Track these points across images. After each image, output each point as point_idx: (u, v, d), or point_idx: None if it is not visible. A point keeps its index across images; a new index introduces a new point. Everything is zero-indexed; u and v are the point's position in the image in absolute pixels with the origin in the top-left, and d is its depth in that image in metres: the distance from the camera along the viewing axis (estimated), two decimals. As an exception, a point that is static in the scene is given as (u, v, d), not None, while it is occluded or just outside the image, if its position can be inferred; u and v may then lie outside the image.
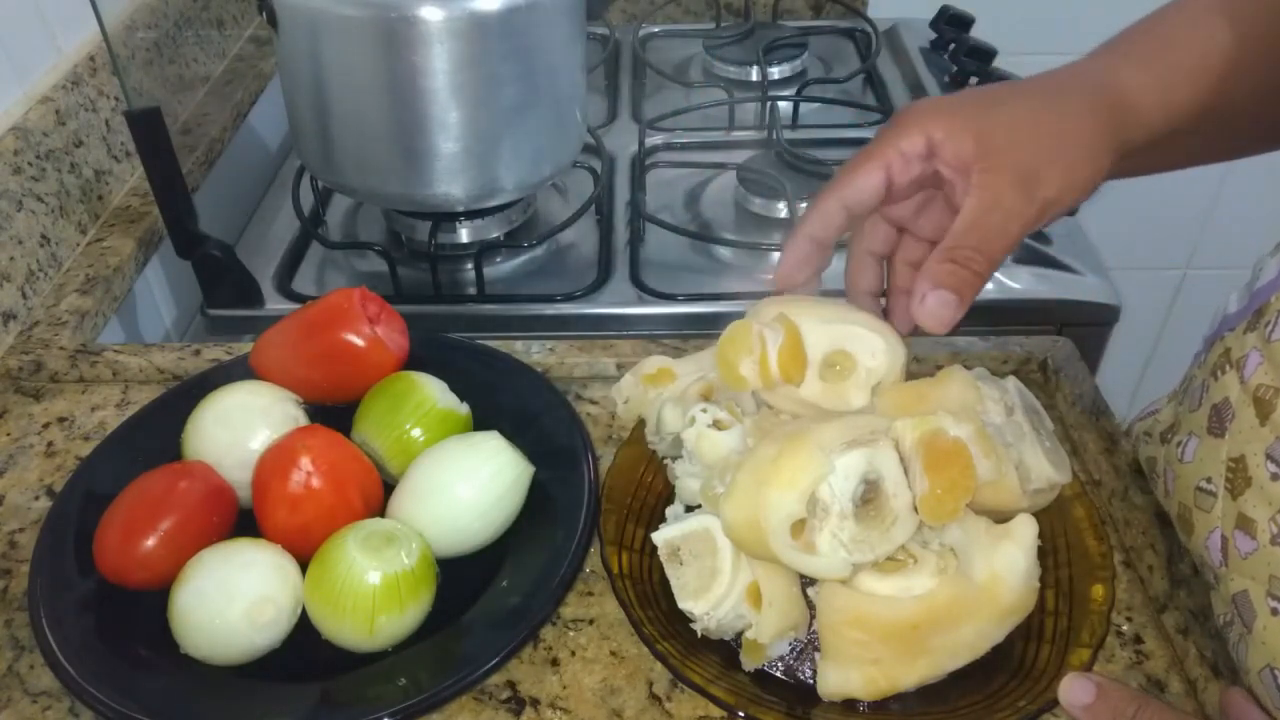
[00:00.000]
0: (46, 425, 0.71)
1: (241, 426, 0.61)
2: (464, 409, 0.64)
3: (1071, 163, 0.49)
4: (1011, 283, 0.87)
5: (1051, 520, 0.55)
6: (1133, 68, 0.52)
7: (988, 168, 0.48)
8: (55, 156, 0.83)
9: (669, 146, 1.08)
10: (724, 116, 1.12)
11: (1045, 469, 0.52)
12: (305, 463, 0.56)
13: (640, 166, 1.02)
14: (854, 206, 0.52)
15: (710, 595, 0.51)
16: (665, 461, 0.60)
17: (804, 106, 1.12)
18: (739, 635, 0.52)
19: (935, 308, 0.48)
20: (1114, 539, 0.61)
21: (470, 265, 0.88)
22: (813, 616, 0.51)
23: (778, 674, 0.53)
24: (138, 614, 0.55)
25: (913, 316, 0.49)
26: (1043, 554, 0.51)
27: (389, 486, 0.60)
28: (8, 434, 0.70)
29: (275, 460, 0.57)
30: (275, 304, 0.87)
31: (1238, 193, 1.47)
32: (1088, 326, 0.88)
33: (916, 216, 0.55)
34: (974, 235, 0.48)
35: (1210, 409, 0.53)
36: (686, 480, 0.55)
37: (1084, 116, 0.50)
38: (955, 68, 1.17)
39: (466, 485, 0.57)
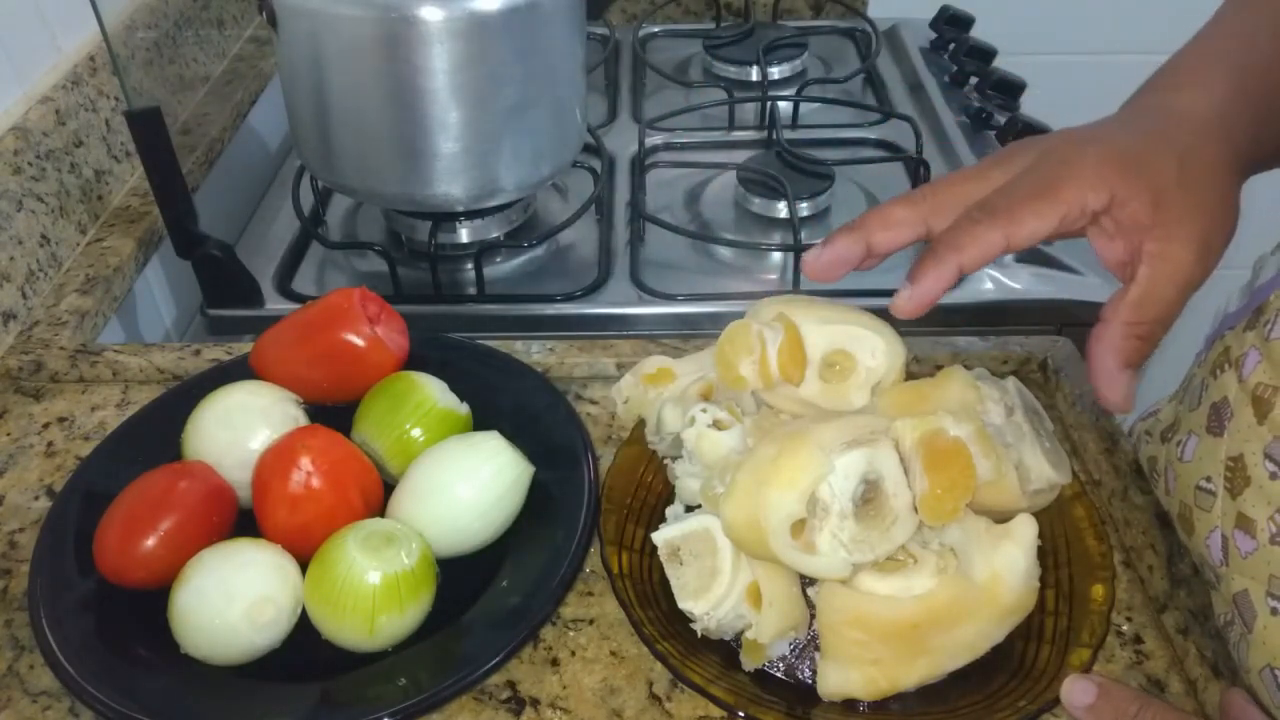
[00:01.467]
0: (46, 425, 0.71)
1: (241, 426, 0.61)
2: (464, 409, 0.64)
3: (1230, 222, 0.49)
4: (1011, 283, 0.87)
5: (1051, 520, 0.55)
6: (1239, 105, 0.51)
7: (1169, 236, 0.47)
8: (55, 156, 0.83)
9: (669, 146, 1.08)
10: (724, 116, 1.12)
11: (1045, 469, 0.52)
12: (305, 463, 0.56)
13: (640, 166, 1.02)
14: (1016, 244, 0.49)
15: (710, 595, 0.51)
16: (665, 461, 0.60)
17: (804, 106, 1.12)
18: (739, 635, 0.52)
19: (1126, 388, 0.48)
20: (1114, 539, 0.61)
21: (470, 265, 0.88)
22: (813, 616, 0.51)
23: (778, 674, 0.53)
24: (138, 614, 0.55)
25: (1103, 396, 0.49)
26: (1043, 554, 0.51)
27: (389, 486, 0.60)
28: (8, 434, 0.70)
29: (275, 460, 0.57)
30: (275, 304, 0.87)
31: (1237, 193, 1.47)
32: (1088, 326, 0.87)
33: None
34: (1155, 308, 0.48)
35: (1209, 408, 0.53)
36: (686, 480, 0.55)
37: (1227, 172, 0.49)
38: (955, 68, 1.17)
39: (466, 485, 0.57)
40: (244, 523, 0.59)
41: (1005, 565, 0.49)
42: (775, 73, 1.19)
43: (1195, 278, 0.48)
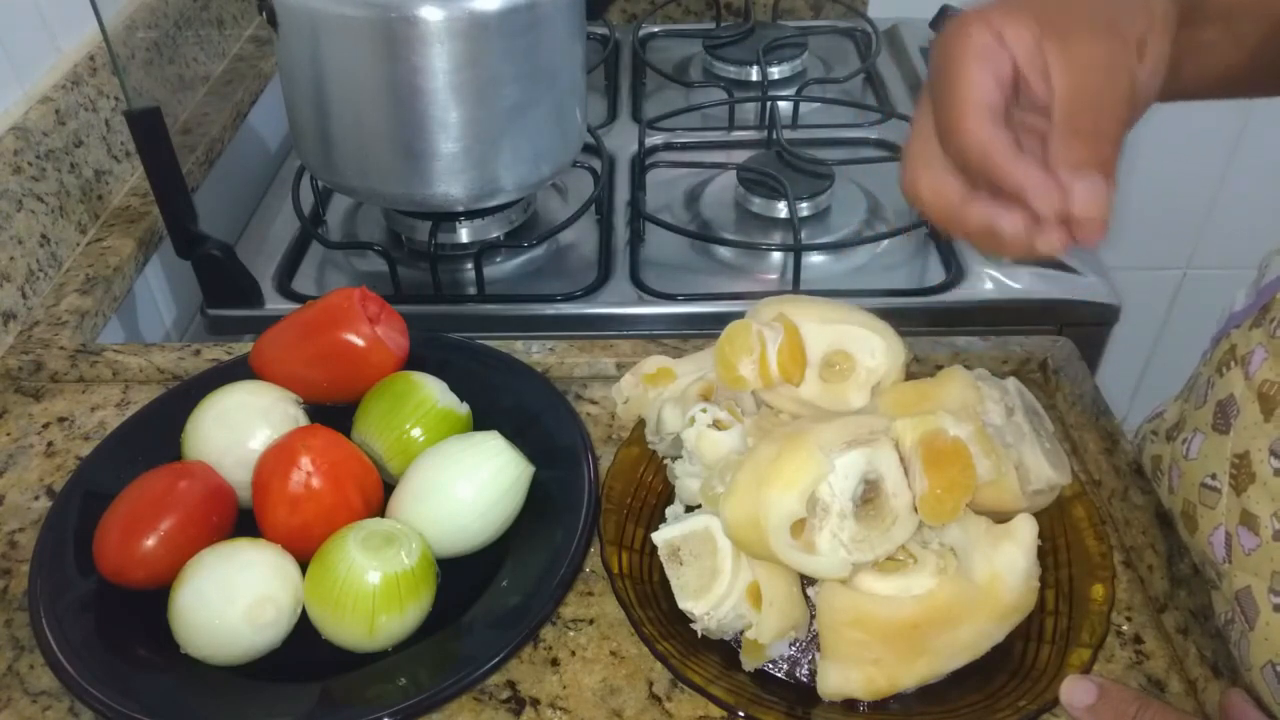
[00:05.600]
0: (46, 425, 0.71)
1: (241, 426, 0.61)
2: (464, 409, 0.64)
3: (1143, 1, 0.44)
4: (1011, 283, 0.87)
5: (1051, 520, 0.55)
6: None
7: (1061, 33, 0.43)
8: (55, 156, 0.83)
9: (669, 146, 1.08)
10: (724, 116, 1.12)
11: (1045, 470, 0.52)
12: (305, 463, 0.56)
13: (640, 166, 1.02)
14: (992, 103, 0.43)
15: (710, 595, 0.51)
16: (665, 461, 0.60)
17: (804, 106, 1.12)
18: (739, 635, 0.52)
19: (1088, 191, 0.41)
20: (1114, 539, 0.61)
21: (470, 265, 0.88)
22: (813, 616, 0.51)
23: (778, 674, 0.53)
24: (138, 614, 0.55)
25: (1074, 212, 0.41)
26: (1043, 554, 0.51)
27: (389, 486, 0.60)
28: (8, 434, 0.70)
29: (275, 460, 0.57)
30: (275, 304, 0.87)
31: (1238, 192, 1.47)
32: (1088, 326, 0.87)
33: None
34: (1085, 101, 0.42)
35: (1215, 405, 0.53)
36: (686, 480, 0.55)
37: None
38: (955, 68, 1.17)
39: (466, 485, 0.57)
40: (244, 523, 0.59)
41: (1005, 565, 0.49)
42: (775, 73, 1.19)
43: (1112, 53, 0.42)
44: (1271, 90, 0.54)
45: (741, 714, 0.49)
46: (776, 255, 0.92)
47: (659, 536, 0.53)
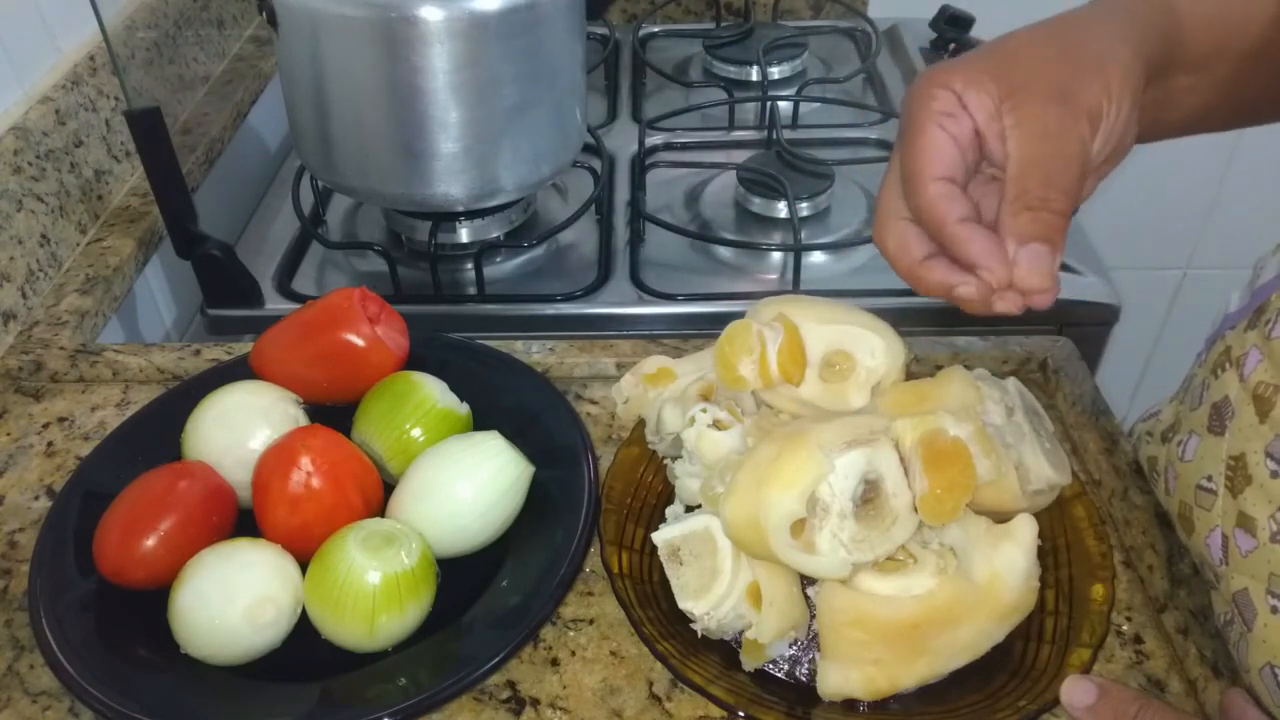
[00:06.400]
0: (46, 425, 0.71)
1: (241, 426, 0.61)
2: (464, 409, 0.64)
3: (1100, 67, 0.45)
4: (1011, 283, 0.87)
5: (1051, 520, 0.55)
6: None
7: (1017, 102, 0.44)
8: (55, 156, 0.83)
9: (669, 146, 1.08)
10: (724, 116, 1.12)
11: (1045, 470, 0.52)
12: (305, 463, 0.56)
13: (640, 166, 1.02)
14: (950, 174, 0.45)
15: (710, 595, 0.51)
16: (665, 461, 0.60)
17: (804, 106, 1.12)
18: (739, 635, 0.52)
19: (1031, 264, 0.42)
20: (1114, 539, 0.61)
21: (470, 265, 0.88)
22: (813, 616, 0.51)
23: (778, 674, 0.53)
24: (138, 614, 0.55)
25: (1017, 285, 0.43)
26: (1043, 554, 0.51)
27: (389, 486, 0.60)
28: (8, 434, 0.70)
29: (275, 460, 0.57)
30: (275, 304, 0.87)
31: (1237, 193, 1.47)
32: (1088, 326, 0.87)
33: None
34: (1036, 172, 0.43)
35: (1210, 407, 0.53)
36: (686, 480, 0.55)
37: (1099, 23, 0.46)
38: (955, 68, 1.17)
39: (466, 485, 0.57)
40: (244, 523, 0.59)
41: (1005, 565, 0.49)
42: (775, 73, 1.19)
43: (1065, 124, 0.44)
44: (1249, 120, 0.56)
45: (741, 714, 0.49)
46: (776, 255, 0.92)
47: (659, 536, 0.53)
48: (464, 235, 0.91)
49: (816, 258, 0.91)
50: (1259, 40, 0.50)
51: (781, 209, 0.95)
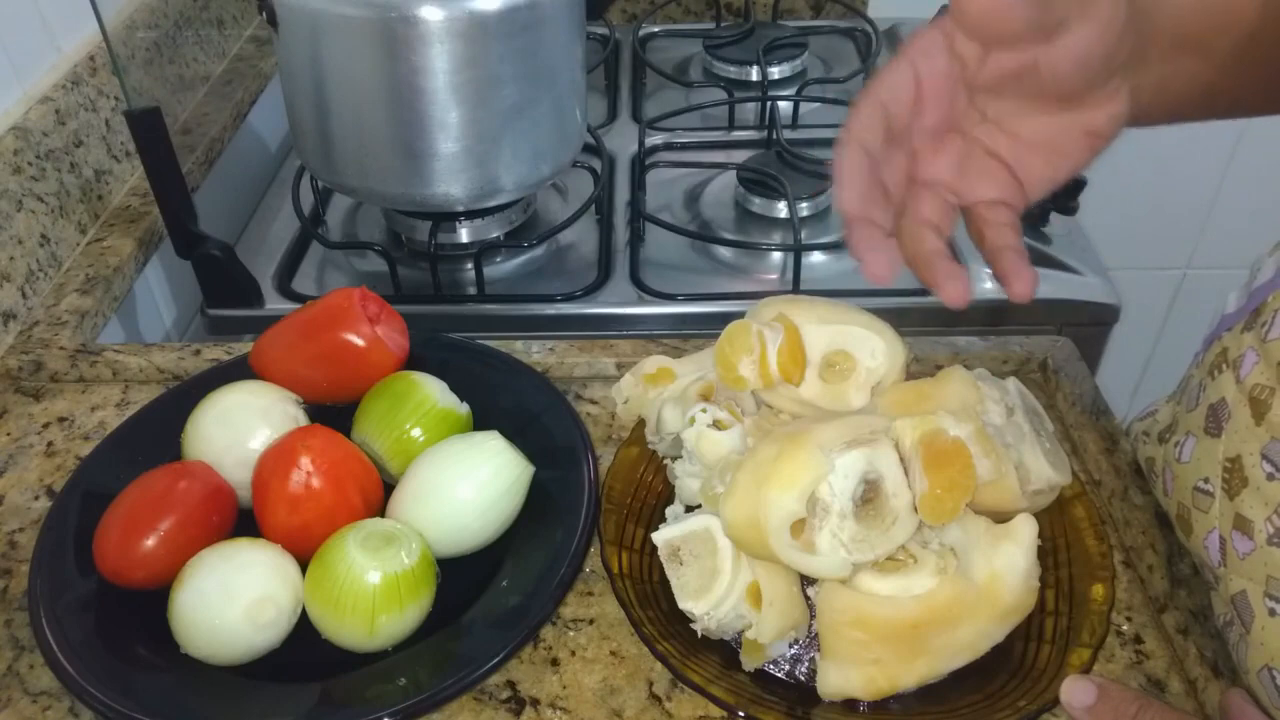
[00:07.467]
0: (46, 425, 0.71)
1: (241, 426, 0.61)
2: (464, 409, 0.64)
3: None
4: (1011, 283, 0.87)
5: (1051, 520, 0.55)
6: None
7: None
8: (55, 156, 0.83)
9: (669, 146, 1.08)
10: (724, 116, 1.12)
11: (1045, 470, 0.52)
12: (305, 463, 0.56)
13: (640, 166, 1.02)
14: (889, 101, 0.47)
15: (710, 595, 0.51)
16: (665, 461, 0.60)
17: (804, 106, 1.12)
18: (739, 635, 0.52)
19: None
20: (1114, 539, 0.61)
21: (470, 265, 0.88)
22: (813, 616, 0.51)
23: (778, 674, 0.53)
24: (138, 614, 0.55)
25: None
26: (1043, 554, 0.51)
27: (389, 486, 0.60)
28: (8, 434, 0.70)
29: (275, 460, 0.57)
30: (275, 304, 0.87)
31: (1237, 193, 1.47)
32: (1088, 326, 0.88)
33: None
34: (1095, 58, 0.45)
35: (1207, 409, 0.53)
36: (686, 480, 0.55)
37: None
38: (955, 68, 1.17)
39: (466, 485, 0.57)
40: (244, 523, 0.59)
41: (1005, 565, 0.49)
42: (775, 73, 1.19)
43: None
44: (1251, 108, 0.56)
45: (741, 714, 0.49)
46: (776, 255, 0.92)
47: (659, 536, 0.53)
48: (464, 235, 0.91)
49: (816, 258, 0.91)
50: (1254, 22, 0.51)
51: (781, 209, 0.95)
